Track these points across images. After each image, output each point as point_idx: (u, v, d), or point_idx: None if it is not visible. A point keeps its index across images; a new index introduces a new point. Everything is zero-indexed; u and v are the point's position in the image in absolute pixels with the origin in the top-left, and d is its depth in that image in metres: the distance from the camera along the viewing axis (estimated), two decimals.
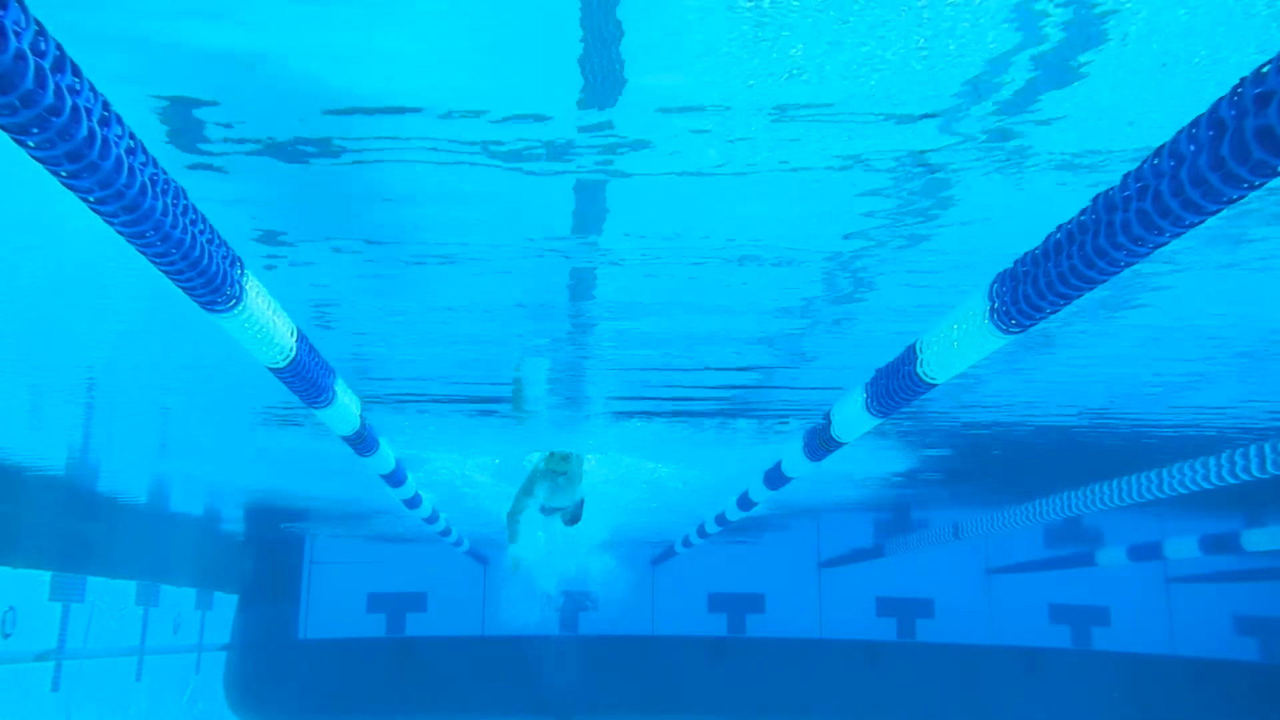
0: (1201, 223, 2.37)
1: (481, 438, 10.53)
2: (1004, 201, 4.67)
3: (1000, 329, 3.42)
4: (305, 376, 4.56)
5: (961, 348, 3.84)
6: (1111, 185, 2.57)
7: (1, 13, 1.85)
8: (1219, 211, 2.31)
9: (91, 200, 2.41)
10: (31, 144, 2.17)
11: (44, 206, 4.56)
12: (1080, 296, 2.95)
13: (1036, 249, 3.03)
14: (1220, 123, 2.09)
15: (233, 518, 18.21)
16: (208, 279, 3.05)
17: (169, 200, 2.59)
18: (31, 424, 10.18)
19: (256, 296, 3.59)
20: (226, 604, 19.94)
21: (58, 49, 2.05)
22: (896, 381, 4.76)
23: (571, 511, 11.02)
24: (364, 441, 6.86)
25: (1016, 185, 4.50)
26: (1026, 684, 19.65)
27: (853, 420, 5.91)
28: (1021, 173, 4.41)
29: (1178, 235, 2.47)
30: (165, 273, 2.97)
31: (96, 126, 2.20)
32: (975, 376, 8.00)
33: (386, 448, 7.88)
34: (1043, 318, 3.19)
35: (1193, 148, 2.20)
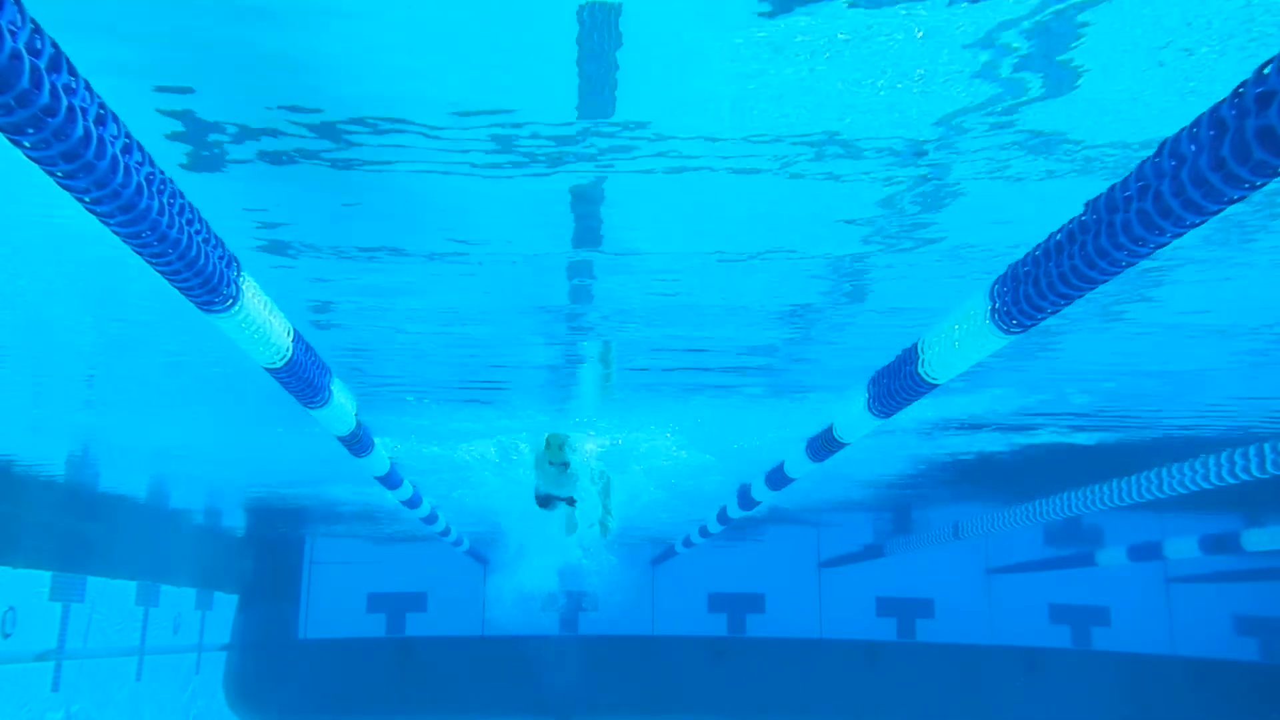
0: (1203, 223, 2.36)
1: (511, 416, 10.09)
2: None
3: (1001, 329, 3.42)
4: (302, 377, 4.55)
5: (963, 348, 3.84)
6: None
7: None
8: (1220, 212, 2.30)
9: (88, 200, 2.40)
10: (27, 144, 2.16)
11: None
12: (1081, 297, 2.94)
13: (1037, 249, 3.02)
14: (1221, 123, 2.08)
15: (233, 518, 18.20)
16: (204, 279, 3.04)
17: (165, 200, 2.58)
18: (32, 424, 10.17)
19: (253, 297, 3.58)
20: (226, 604, 19.92)
21: (54, 47, 2.04)
22: (898, 381, 4.75)
23: (568, 512, 10.76)
24: (359, 442, 6.84)
25: None
26: (1026, 684, 19.63)
27: (855, 421, 5.90)
28: None
29: (1179, 235, 2.46)
30: (162, 273, 2.95)
31: (92, 126, 2.19)
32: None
33: (381, 449, 7.85)
34: (1044, 318, 3.18)
35: (1194, 148, 2.19)
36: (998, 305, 3.35)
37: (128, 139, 2.37)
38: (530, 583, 19.18)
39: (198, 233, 2.86)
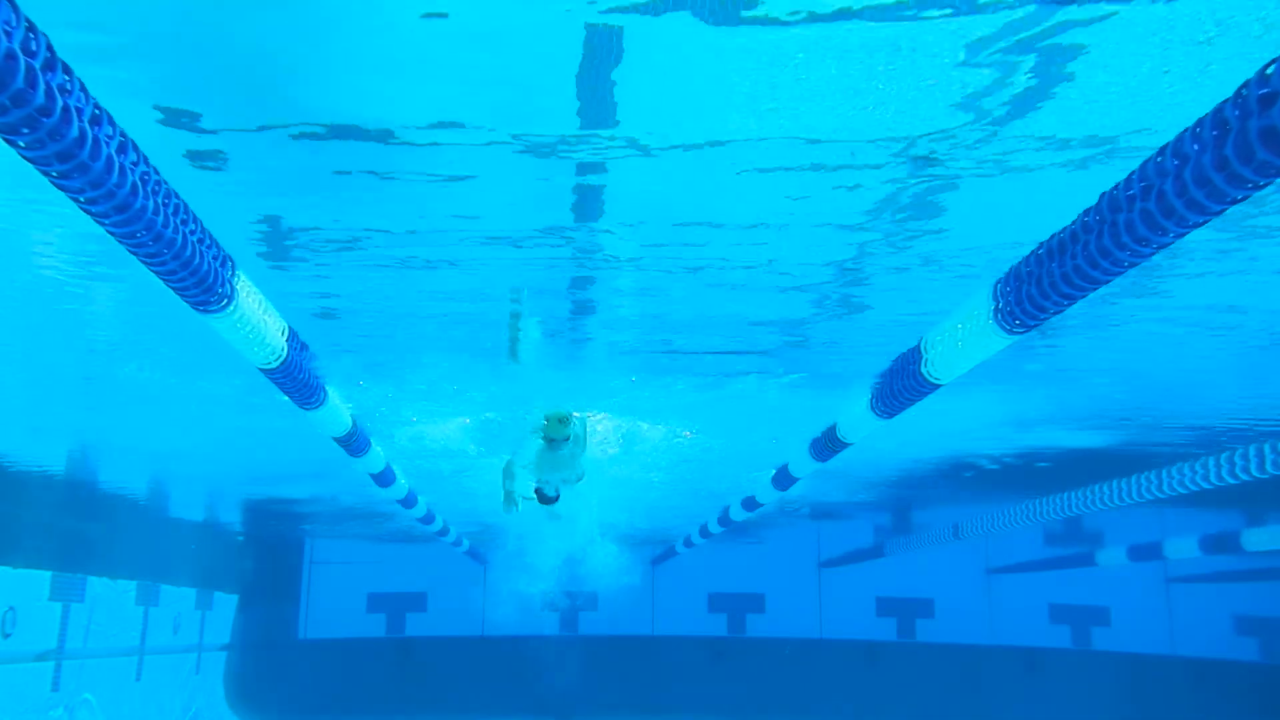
0: (1204, 223, 2.35)
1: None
2: None
3: (1004, 329, 3.40)
4: (297, 377, 4.53)
5: (966, 347, 3.82)
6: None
7: None
8: (1222, 212, 2.28)
9: (82, 200, 2.38)
10: (22, 144, 2.14)
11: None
12: (1084, 296, 2.92)
13: (1040, 248, 3.01)
14: (1224, 123, 2.07)
15: (232, 518, 18.18)
16: (199, 278, 3.02)
17: (160, 199, 2.56)
18: (32, 424, 10.14)
19: (248, 296, 3.56)
20: (226, 604, 19.91)
21: (48, 49, 2.03)
22: (901, 381, 4.73)
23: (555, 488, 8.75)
24: (355, 442, 6.82)
25: None
26: (1026, 684, 19.62)
27: (857, 421, 5.89)
28: None
29: (1181, 235, 2.44)
30: (156, 273, 2.94)
31: (87, 126, 2.18)
32: None
33: (378, 448, 7.83)
34: (1046, 317, 3.17)
35: (1196, 147, 2.18)
36: (1001, 305, 3.33)
37: (123, 138, 2.36)
38: (534, 563, 18.88)
39: (192, 232, 2.84)
